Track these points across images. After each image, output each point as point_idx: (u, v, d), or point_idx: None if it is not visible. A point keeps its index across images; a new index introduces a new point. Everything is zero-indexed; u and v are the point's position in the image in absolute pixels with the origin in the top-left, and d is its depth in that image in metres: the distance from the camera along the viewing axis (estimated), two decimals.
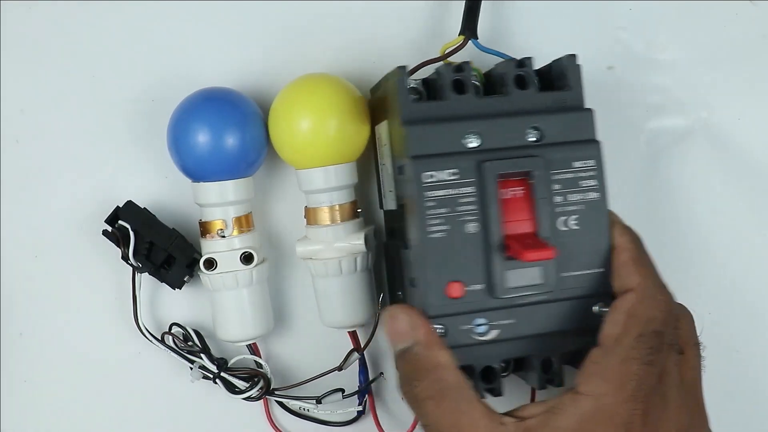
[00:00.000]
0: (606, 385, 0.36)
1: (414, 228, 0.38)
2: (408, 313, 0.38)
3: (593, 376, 0.36)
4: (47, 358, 0.49)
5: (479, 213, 0.38)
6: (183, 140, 0.44)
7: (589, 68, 0.49)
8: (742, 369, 0.51)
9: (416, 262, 0.38)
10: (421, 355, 0.37)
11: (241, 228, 0.45)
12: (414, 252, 0.39)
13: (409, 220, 0.39)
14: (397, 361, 0.38)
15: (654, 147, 0.50)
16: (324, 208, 0.45)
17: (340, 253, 0.45)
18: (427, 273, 0.37)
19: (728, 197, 0.50)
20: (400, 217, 0.41)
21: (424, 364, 0.37)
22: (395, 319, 0.38)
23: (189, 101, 0.45)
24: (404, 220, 0.40)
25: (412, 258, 0.39)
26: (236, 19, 0.48)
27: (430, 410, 0.36)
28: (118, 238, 0.45)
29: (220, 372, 0.46)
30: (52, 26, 0.48)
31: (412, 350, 0.37)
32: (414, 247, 0.39)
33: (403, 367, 0.38)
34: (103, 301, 0.48)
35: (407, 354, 0.37)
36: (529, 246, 0.37)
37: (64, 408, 0.49)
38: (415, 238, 0.38)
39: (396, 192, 0.41)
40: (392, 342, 0.38)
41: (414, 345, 0.37)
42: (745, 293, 0.51)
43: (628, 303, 0.37)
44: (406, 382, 0.37)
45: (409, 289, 0.40)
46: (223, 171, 0.44)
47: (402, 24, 0.49)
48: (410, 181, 0.38)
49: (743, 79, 0.50)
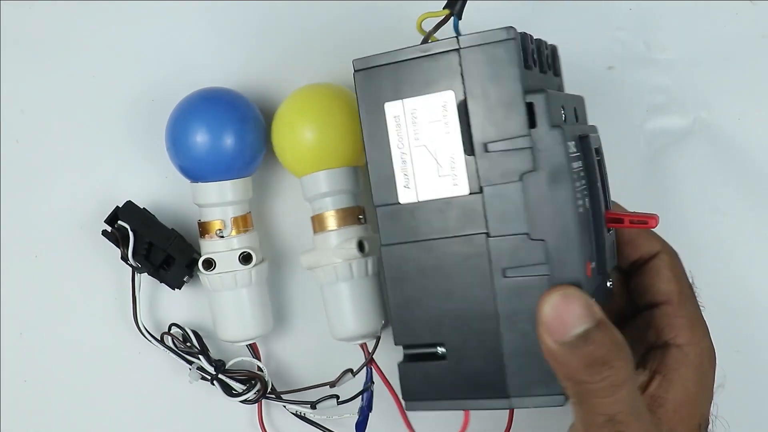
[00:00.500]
0: (699, 331, 0.39)
1: (554, 205, 0.34)
2: (580, 292, 0.34)
3: (684, 328, 0.38)
4: (47, 358, 0.49)
5: (587, 189, 0.36)
6: (181, 140, 0.44)
7: (589, 68, 0.50)
8: (742, 369, 0.50)
9: (561, 242, 0.34)
10: (609, 335, 0.33)
11: (239, 228, 0.45)
12: (553, 232, 0.34)
13: (534, 197, 0.35)
14: (575, 348, 0.33)
15: (654, 147, 0.50)
16: (329, 212, 0.45)
17: (351, 255, 0.44)
18: (576, 253, 0.34)
19: (728, 197, 0.50)
20: (470, 203, 0.36)
21: (617, 342, 0.33)
22: (570, 298, 0.33)
23: (187, 101, 0.45)
24: (498, 202, 0.35)
25: (552, 240, 0.35)
26: (235, 20, 0.48)
27: (625, 394, 0.33)
28: (118, 238, 0.45)
29: (218, 374, 0.46)
30: (52, 26, 0.48)
31: (596, 331, 0.33)
32: (553, 226, 0.34)
33: (588, 351, 0.33)
34: (103, 301, 0.48)
35: (593, 334, 0.33)
36: (640, 216, 0.37)
37: (64, 408, 0.49)
38: (554, 217, 0.34)
39: (478, 172, 0.35)
40: (564, 327, 0.33)
41: (597, 324, 0.33)
42: (746, 293, 0.51)
43: (666, 262, 0.40)
44: (594, 369, 0.33)
45: (527, 279, 0.35)
46: (221, 171, 0.44)
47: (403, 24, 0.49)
48: (549, 151, 0.34)
49: (743, 79, 0.50)
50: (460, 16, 0.40)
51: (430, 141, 0.36)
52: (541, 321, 0.34)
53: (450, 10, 0.39)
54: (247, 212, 0.46)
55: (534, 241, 0.35)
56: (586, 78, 0.49)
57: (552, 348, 0.33)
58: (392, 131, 0.36)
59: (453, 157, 0.36)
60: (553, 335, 0.33)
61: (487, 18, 0.48)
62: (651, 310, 0.40)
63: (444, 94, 0.36)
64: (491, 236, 0.35)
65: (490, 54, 0.35)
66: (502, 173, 0.35)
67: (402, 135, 0.36)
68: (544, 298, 0.34)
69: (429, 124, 0.36)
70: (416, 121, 0.36)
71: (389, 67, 0.36)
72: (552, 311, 0.33)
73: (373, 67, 0.37)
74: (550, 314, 0.33)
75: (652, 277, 0.40)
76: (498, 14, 0.49)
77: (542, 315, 0.34)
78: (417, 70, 0.36)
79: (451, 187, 0.36)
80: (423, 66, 0.36)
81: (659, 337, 0.39)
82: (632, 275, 0.41)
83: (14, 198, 0.48)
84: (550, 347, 0.33)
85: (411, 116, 0.36)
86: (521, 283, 0.35)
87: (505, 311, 0.35)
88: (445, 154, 0.36)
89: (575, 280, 0.34)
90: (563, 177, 0.34)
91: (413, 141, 0.36)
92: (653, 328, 0.39)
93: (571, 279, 0.34)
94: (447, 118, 0.36)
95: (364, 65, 0.37)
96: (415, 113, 0.36)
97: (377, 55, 0.36)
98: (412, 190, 0.37)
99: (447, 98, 0.36)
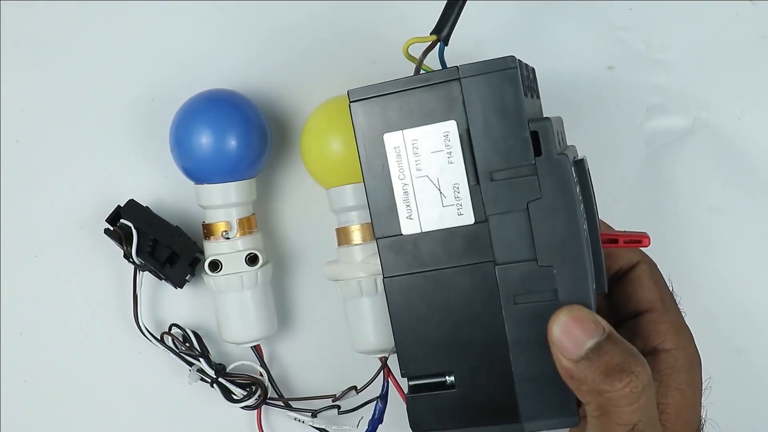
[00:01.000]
0: (684, 336, 0.39)
1: (559, 228, 0.35)
2: (585, 309, 0.35)
3: (670, 333, 0.39)
4: (47, 358, 0.49)
5: (585, 211, 0.36)
6: (185, 142, 0.44)
7: (589, 68, 0.50)
8: (742, 369, 0.50)
9: (569, 267, 0.35)
10: (620, 344, 0.34)
11: (244, 230, 0.45)
12: (562, 257, 0.35)
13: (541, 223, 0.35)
14: (590, 361, 0.34)
15: (654, 147, 0.50)
16: (355, 226, 0.44)
17: (375, 271, 0.43)
18: (585, 276, 0.35)
19: (728, 197, 0.50)
20: (475, 232, 0.36)
21: (630, 350, 0.34)
22: (577, 316, 0.34)
23: (191, 103, 0.45)
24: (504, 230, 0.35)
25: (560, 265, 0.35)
26: (237, 20, 0.48)
27: (645, 402, 0.34)
28: (121, 236, 0.45)
29: (218, 377, 0.46)
30: (52, 26, 0.48)
31: (607, 342, 0.34)
32: (562, 252, 0.35)
33: (604, 361, 0.34)
34: (104, 300, 0.48)
35: (605, 345, 0.34)
36: (633, 236, 0.38)
37: (64, 408, 0.49)
38: (562, 243, 0.35)
39: (483, 201, 0.35)
40: (576, 344, 0.34)
41: (607, 336, 0.34)
42: (745, 293, 0.51)
43: (646, 271, 0.40)
44: (614, 377, 0.33)
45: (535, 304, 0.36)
46: (226, 173, 0.44)
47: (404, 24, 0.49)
48: (555, 178, 0.34)
49: (743, 79, 0.50)
50: (447, 42, 0.39)
51: (432, 171, 0.36)
52: (553, 342, 0.34)
53: (437, 35, 0.39)
54: (252, 214, 0.46)
55: (542, 267, 0.35)
56: (586, 78, 0.49)
57: (568, 367, 0.34)
58: (392, 162, 0.36)
59: (457, 186, 0.36)
60: (567, 354, 0.34)
61: (487, 18, 0.48)
62: (635, 319, 0.40)
63: (446, 124, 0.35)
64: (498, 264, 0.35)
65: (493, 83, 0.35)
66: (509, 201, 0.35)
67: (403, 166, 0.36)
68: (553, 320, 0.34)
69: (431, 154, 0.36)
70: (417, 151, 0.36)
71: (387, 98, 0.36)
72: (562, 331, 0.34)
73: (370, 97, 0.36)
74: (560, 335, 0.34)
75: (634, 286, 0.40)
76: (498, 14, 0.49)
77: (553, 336, 0.34)
78: (417, 100, 0.36)
79: (456, 216, 0.36)
80: (423, 96, 0.36)
81: (647, 344, 0.39)
82: (613, 286, 0.41)
83: (14, 198, 0.48)
84: (566, 366, 0.34)
85: (412, 147, 0.36)
86: (531, 308, 0.35)
87: (514, 337, 0.36)
88: (449, 184, 0.36)
89: (584, 302, 0.35)
90: (570, 203, 0.35)
91: (415, 171, 0.36)
92: (640, 336, 0.40)
93: (580, 301, 0.35)
94: (450, 147, 0.36)
95: (360, 96, 0.36)
96: (416, 143, 0.36)
97: (374, 85, 0.36)
98: (415, 221, 0.36)
99: (449, 128, 0.35)
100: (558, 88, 0.47)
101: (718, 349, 0.49)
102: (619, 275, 0.41)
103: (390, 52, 0.48)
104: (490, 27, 0.48)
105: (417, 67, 0.38)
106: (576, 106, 0.49)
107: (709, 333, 0.49)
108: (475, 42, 0.48)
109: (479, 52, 0.48)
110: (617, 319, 0.41)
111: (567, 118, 0.40)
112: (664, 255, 0.42)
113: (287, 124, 0.49)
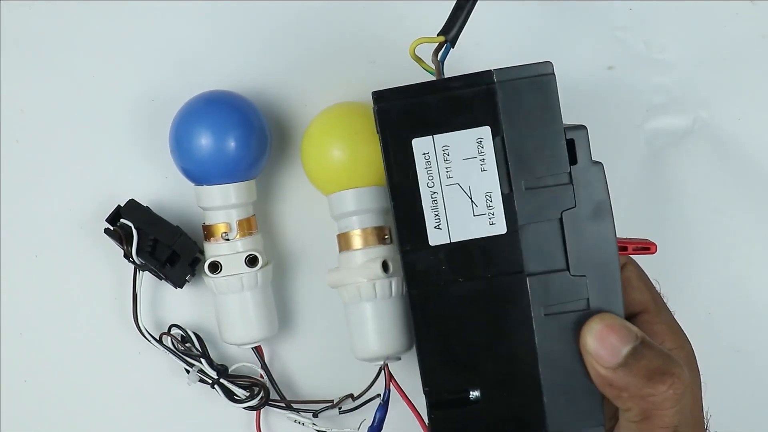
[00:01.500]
0: (680, 335, 0.39)
1: (596, 241, 0.35)
2: (616, 316, 0.35)
3: (667, 333, 0.39)
4: (47, 358, 0.49)
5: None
6: (185, 143, 0.44)
7: (589, 68, 0.50)
8: (742, 369, 0.51)
9: (602, 276, 0.35)
10: (656, 347, 0.35)
11: (244, 231, 0.45)
12: (594, 267, 0.35)
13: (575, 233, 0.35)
14: (629, 366, 0.34)
15: (654, 147, 0.50)
16: (355, 231, 0.44)
17: (375, 275, 0.43)
18: (617, 285, 0.35)
19: (728, 197, 0.50)
20: (506, 242, 0.35)
21: (666, 354, 0.35)
22: (610, 324, 0.34)
23: (191, 104, 0.45)
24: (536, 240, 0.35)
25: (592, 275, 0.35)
26: (237, 20, 0.48)
27: (685, 404, 0.34)
28: (121, 236, 0.45)
29: (220, 378, 0.46)
30: (52, 26, 0.48)
31: (643, 346, 0.34)
32: (595, 262, 0.35)
33: (643, 365, 0.34)
34: (104, 301, 0.48)
35: (641, 350, 0.34)
36: (641, 243, 0.38)
37: (64, 408, 0.49)
38: (596, 253, 0.35)
39: (516, 210, 0.35)
40: (613, 352, 0.34)
41: (642, 341, 0.34)
42: (746, 293, 0.51)
43: (635, 273, 0.40)
44: (657, 379, 0.34)
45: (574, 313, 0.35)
46: (226, 174, 0.44)
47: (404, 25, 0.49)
48: (591, 187, 0.35)
49: (743, 79, 0.50)
50: (454, 44, 0.38)
51: (464, 178, 0.35)
52: (588, 352, 0.34)
53: (444, 36, 0.38)
54: (252, 215, 0.46)
55: (574, 277, 0.35)
56: (586, 78, 0.49)
57: (606, 375, 0.34)
58: (421, 169, 0.35)
59: (489, 195, 0.35)
60: (604, 362, 0.34)
61: (487, 18, 0.48)
62: (629, 321, 0.39)
63: (479, 129, 0.34)
64: (529, 274, 0.35)
65: (529, 89, 0.34)
66: (543, 210, 0.34)
67: (432, 173, 0.35)
68: (585, 330, 0.34)
69: (462, 161, 0.34)
70: (449, 158, 0.35)
71: (416, 100, 0.35)
72: (596, 340, 0.34)
73: (397, 101, 0.35)
74: (595, 344, 0.34)
75: (625, 288, 0.39)
76: (498, 14, 0.49)
77: (588, 346, 0.34)
78: (448, 104, 0.34)
79: (487, 226, 0.35)
80: (455, 100, 0.34)
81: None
82: None
83: (14, 198, 0.48)
84: (604, 375, 0.34)
85: (442, 153, 0.35)
86: (562, 319, 0.35)
87: (545, 348, 0.35)
88: (481, 192, 0.35)
89: (615, 311, 0.35)
90: (605, 212, 0.34)
91: (445, 179, 0.35)
92: None
93: (610, 310, 0.35)
94: (483, 154, 0.34)
95: (386, 98, 0.35)
96: (447, 150, 0.35)
97: (401, 87, 0.35)
98: (443, 231, 0.35)
99: (483, 134, 0.34)
100: (558, 88, 0.47)
101: (717, 348, 0.49)
102: None
103: (390, 52, 0.48)
104: (489, 27, 0.48)
105: (437, 69, 0.37)
106: (576, 106, 0.49)
107: (709, 333, 0.49)
108: (475, 42, 0.48)
109: (479, 53, 0.48)
110: None
111: (567, 118, 0.40)
112: (664, 255, 0.42)
113: (287, 124, 0.49)
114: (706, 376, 0.40)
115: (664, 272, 0.42)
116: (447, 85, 0.35)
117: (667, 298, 0.41)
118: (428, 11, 0.39)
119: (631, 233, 0.48)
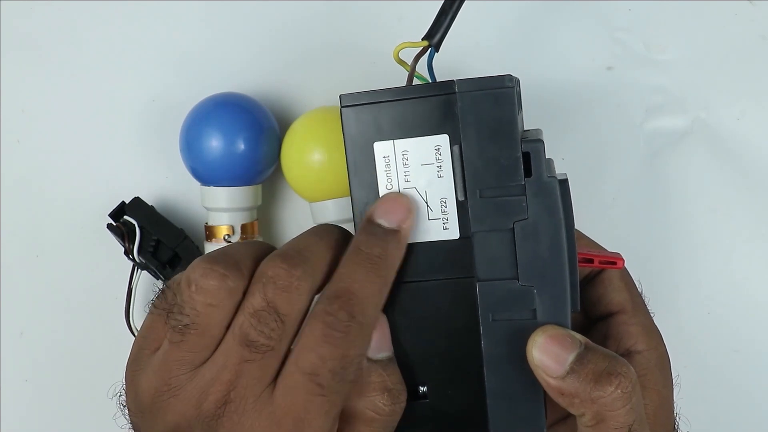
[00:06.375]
0: (654, 337, 0.40)
1: (543, 250, 0.35)
2: (559, 327, 0.35)
3: (641, 334, 0.39)
4: (47, 358, 0.49)
5: (566, 231, 0.36)
6: (195, 144, 0.44)
7: (588, 69, 0.50)
8: (742, 369, 0.51)
9: (550, 288, 0.35)
10: (600, 350, 0.35)
11: (247, 235, 0.45)
12: (543, 278, 0.35)
13: (525, 244, 0.35)
14: (575, 373, 0.34)
15: (654, 147, 0.50)
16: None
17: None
18: (566, 298, 0.35)
19: (727, 197, 0.50)
20: (459, 247, 0.36)
21: (612, 355, 0.35)
22: (553, 335, 0.35)
23: (203, 105, 0.45)
24: (488, 247, 0.35)
25: (540, 286, 0.35)
26: (239, 22, 0.48)
27: (635, 401, 0.34)
28: (124, 232, 0.45)
29: None
30: (52, 26, 0.48)
31: (587, 351, 0.35)
32: (544, 274, 0.35)
33: (590, 369, 0.34)
34: (104, 301, 0.48)
35: (585, 355, 0.34)
36: (608, 257, 0.38)
37: (64, 408, 0.49)
38: (545, 265, 0.35)
39: (470, 217, 0.35)
40: (558, 361, 0.34)
41: (585, 346, 0.35)
42: (745, 293, 0.51)
43: (616, 273, 0.40)
44: (604, 380, 0.34)
45: (521, 322, 0.36)
46: (234, 177, 0.45)
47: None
48: (543, 200, 0.35)
49: (743, 79, 0.50)
50: (438, 48, 0.39)
51: (421, 183, 0.35)
52: (535, 365, 0.35)
53: (428, 41, 0.39)
54: (255, 219, 0.46)
55: (523, 287, 0.35)
56: (585, 78, 0.49)
57: (556, 385, 0.34)
58: (381, 171, 0.36)
59: (444, 200, 0.36)
60: (552, 372, 0.34)
61: (486, 18, 0.48)
62: (605, 321, 0.40)
63: (438, 137, 0.35)
64: (480, 280, 0.35)
65: (489, 100, 0.35)
66: (495, 220, 0.35)
67: (391, 176, 0.36)
68: (530, 344, 0.35)
69: (420, 166, 0.35)
70: (407, 162, 0.36)
71: (380, 106, 0.36)
72: (541, 352, 0.34)
73: (363, 104, 0.36)
74: (540, 356, 0.34)
75: (605, 287, 0.40)
76: (498, 14, 0.49)
77: (534, 359, 0.35)
78: (410, 111, 0.35)
79: (441, 231, 0.36)
80: (417, 107, 0.35)
81: (619, 346, 0.39)
82: (585, 287, 0.41)
83: (15, 198, 0.48)
84: (554, 385, 0.34)
85: (402, 157, 0.36)
86: (508, 326, 0.36)
87: (490, 352, 0.36)
88: (436, 198, 0.35)
89: (561, 323, 0.35)
90: (556, 227, 0.35)
91: (403, 183, 0.36)
92: (611, 338, 0.40)
93: (557, 322, 0.35)
94: (440, 161, 0.35)
95: (353, 101, 0.36)
96: (406, 155, 0.36)
97: (367, 91, 0.36)
98: None
99: (441, 142, 0.35)
100: (557, 89, 0.47)
101: (718, 349, 0.49)
102: (590, 276, 0.41)
103: (390, 54, 0.48)
104: (489, 27, 0.49)
105: (410, 75, 0.38)
106: (575, 107, 0.49)
107: (709, 333, 0.49)
108: (475, 42, 0.48)
109: (479, 53, 0.48)
110: (587, 321, 0.42)
111: (566, 118, 0.40)
112: (664, 255, 0.42)
113: (287, 126, 0.49)
114: (707, 376, 0.40)
115: (664, 272, 0.42)
116: (411, 93, 0.35)
117: (648, 299, 0.41)
118: (428, 12, 0.39)
119: (630, 233, 0.48)
